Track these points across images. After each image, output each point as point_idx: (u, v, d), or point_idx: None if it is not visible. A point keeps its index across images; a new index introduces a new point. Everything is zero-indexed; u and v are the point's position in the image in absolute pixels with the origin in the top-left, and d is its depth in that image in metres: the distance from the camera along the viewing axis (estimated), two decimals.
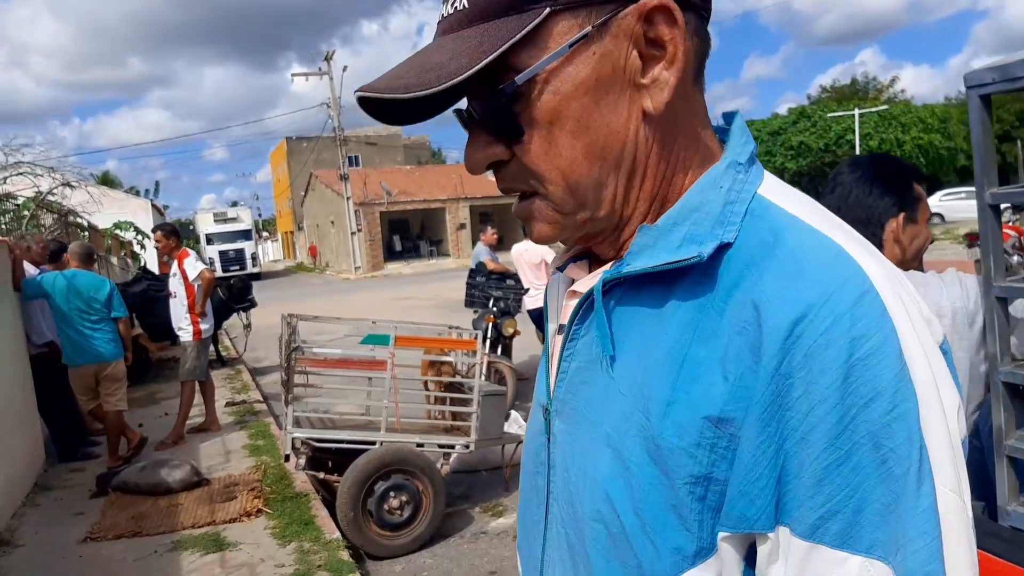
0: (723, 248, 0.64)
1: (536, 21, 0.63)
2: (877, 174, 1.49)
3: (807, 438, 0.57)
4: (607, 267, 0.74)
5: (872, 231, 1.49)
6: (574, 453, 0.73)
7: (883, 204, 1.48)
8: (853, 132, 32.28)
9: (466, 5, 0.66)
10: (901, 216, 1.48)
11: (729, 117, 0.75)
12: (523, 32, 0.63)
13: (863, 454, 0.56)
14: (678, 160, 0.70)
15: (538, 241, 0.75)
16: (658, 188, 0.70)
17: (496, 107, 0.67)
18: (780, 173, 33.66)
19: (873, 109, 33.73)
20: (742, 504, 0.61)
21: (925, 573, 0.56)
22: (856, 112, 32.19)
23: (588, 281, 0.77)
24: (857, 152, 31.59)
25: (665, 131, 0.69)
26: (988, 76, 1.27)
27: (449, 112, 0.73)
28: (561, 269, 0.84)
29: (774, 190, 0.69)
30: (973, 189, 1.45)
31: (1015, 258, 12.08)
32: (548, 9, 0.63)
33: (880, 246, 1.49)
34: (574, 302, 0.76)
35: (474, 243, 36.68)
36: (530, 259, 7.72)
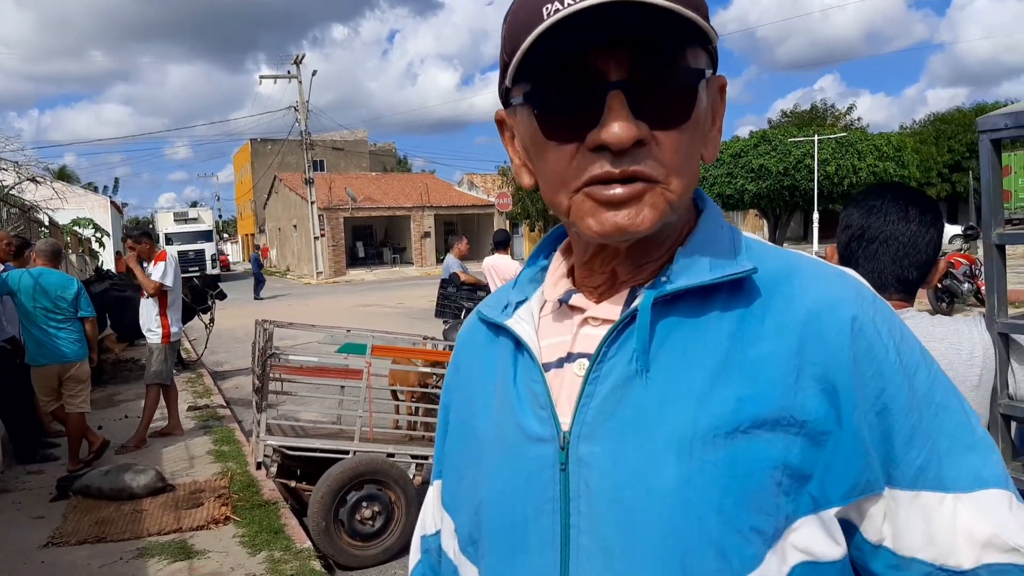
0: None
1: (717, 38, 0.72)
2: (938, 214, 1.54)
3: (890, 408, 0.71)
4: (639, 289, 0.78)
5: (926, 271, 1.54)
6: (624, 472, 0.71)
7: (939, 246, 1.54)
8: (812, 157, 32.92)
9: None
10: (942, 260, 1.55)
11: None
12: (713, 34, 0.70)
13: (927, 413, 0.73)
14: (690, 203, 0.82)
15: (638, 226, 0.72)
16: (684, 220, 0.81)
17: (688, 84, 0.72)
18: (741, 194, 34.16)
19: (831, 136, 34.44)
20: (854, 475, 0.70)
21: (997, 477, 0.73)
22: (816, 138, 32.85)
23: (607, 308, 0.80)
24: (815, 176, 32.27)
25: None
26: (1001, 122, 1.35)
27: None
28: (563, 301, 0.83)
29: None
30: None
31: (965, 285, 12.48)
32: (716, 40, 0.73)
33: (923, 282, 1.55)
34: (595, 329, 0.79)
35: (438, 251, 36.61)
36: (503, 272, 7.76)
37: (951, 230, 27.90)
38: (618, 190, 0.71)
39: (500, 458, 0.80)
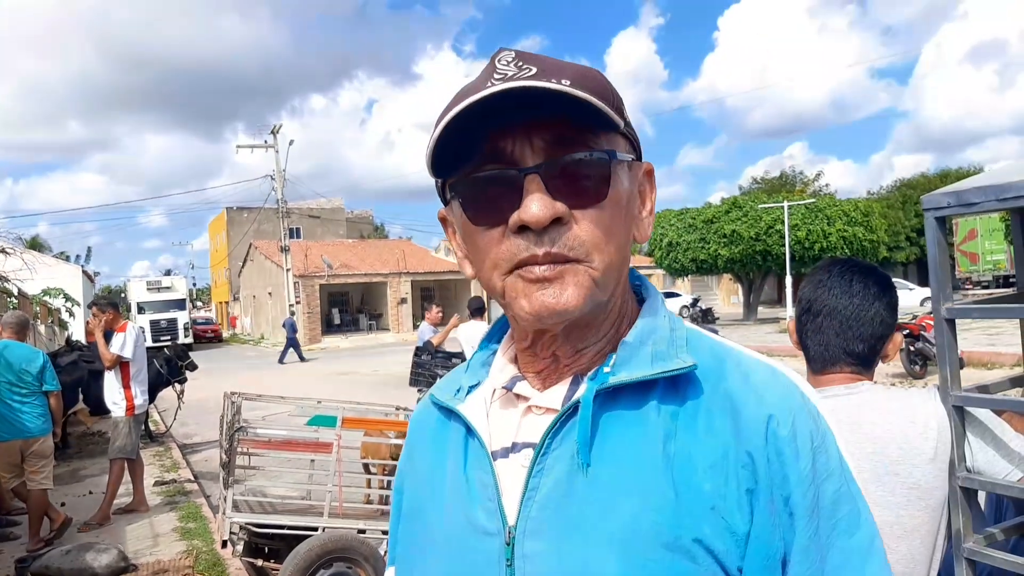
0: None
1: (623, 123, 0.77)
2: (888, 288, 1.57)
3: (795, 513, 0.72)
4: (583, 378, 0.79)
5: (875, 344, 1.55)
6: (568, 570, 0.72)
7: (890, 320, 1.56)
8: (782, 223, 33.53)
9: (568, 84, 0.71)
10: (899, 335, 1.57)
11: None
12: (623, 120, 0.76)
13: (824, 527, 0.73)
14: (627, 288, 0.84)
15: (565, 306, 0.74)
16: (622, 306, 0.82)
17: (600, 164, 0.75)
18: (715, 259, 34.60)
19: (801, 202, 35.13)
20: (767, 571, 0.72)
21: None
22: (785, 204, 33.51)
23: (549, 396, 0.80)
24: (786, 241, 32.83)
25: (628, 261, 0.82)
26: (944, 200, 1.39)
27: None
28: (508, 388, 0.84)
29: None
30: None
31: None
32: (622, 124, 0.77)
33: (876, 355, 1.57)
34: (538, 418, 0.80)
35: (415, 317, 36.46)
36: (477, 340, 7.75)
37: (922, 293, 28.39)
38: (542, 268, 0.74)
39: (447, 549, 0.80)
